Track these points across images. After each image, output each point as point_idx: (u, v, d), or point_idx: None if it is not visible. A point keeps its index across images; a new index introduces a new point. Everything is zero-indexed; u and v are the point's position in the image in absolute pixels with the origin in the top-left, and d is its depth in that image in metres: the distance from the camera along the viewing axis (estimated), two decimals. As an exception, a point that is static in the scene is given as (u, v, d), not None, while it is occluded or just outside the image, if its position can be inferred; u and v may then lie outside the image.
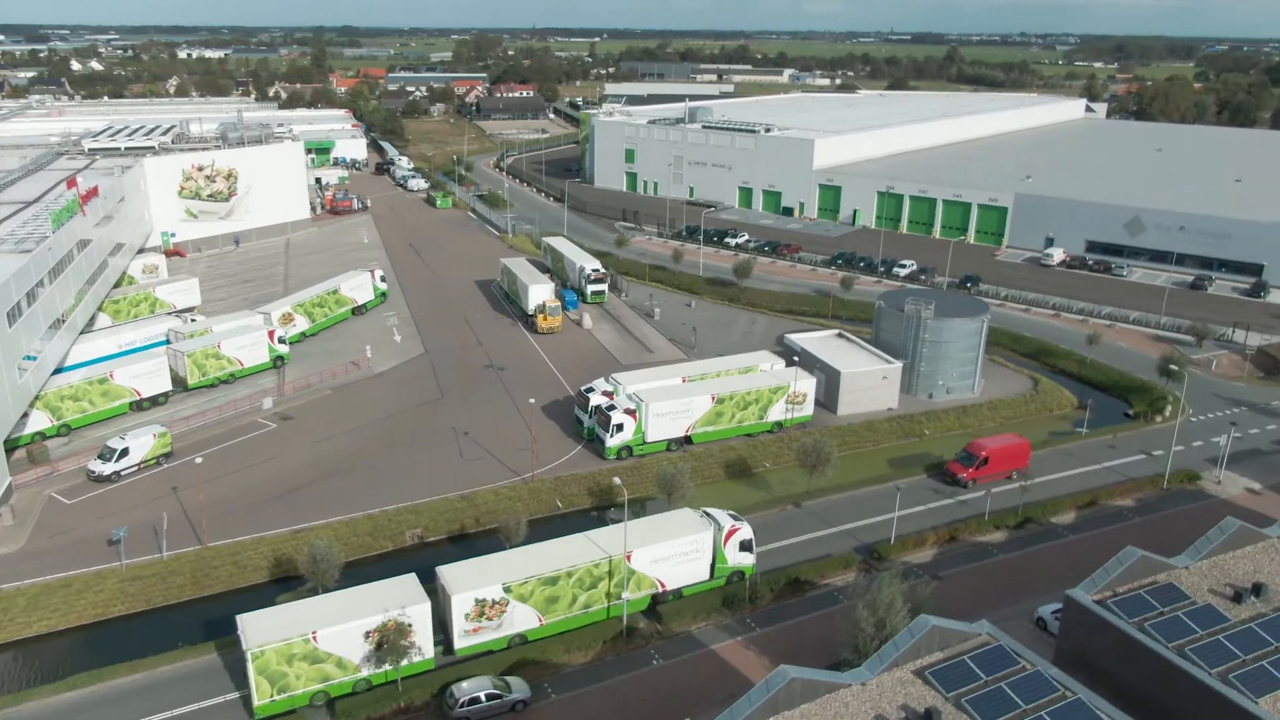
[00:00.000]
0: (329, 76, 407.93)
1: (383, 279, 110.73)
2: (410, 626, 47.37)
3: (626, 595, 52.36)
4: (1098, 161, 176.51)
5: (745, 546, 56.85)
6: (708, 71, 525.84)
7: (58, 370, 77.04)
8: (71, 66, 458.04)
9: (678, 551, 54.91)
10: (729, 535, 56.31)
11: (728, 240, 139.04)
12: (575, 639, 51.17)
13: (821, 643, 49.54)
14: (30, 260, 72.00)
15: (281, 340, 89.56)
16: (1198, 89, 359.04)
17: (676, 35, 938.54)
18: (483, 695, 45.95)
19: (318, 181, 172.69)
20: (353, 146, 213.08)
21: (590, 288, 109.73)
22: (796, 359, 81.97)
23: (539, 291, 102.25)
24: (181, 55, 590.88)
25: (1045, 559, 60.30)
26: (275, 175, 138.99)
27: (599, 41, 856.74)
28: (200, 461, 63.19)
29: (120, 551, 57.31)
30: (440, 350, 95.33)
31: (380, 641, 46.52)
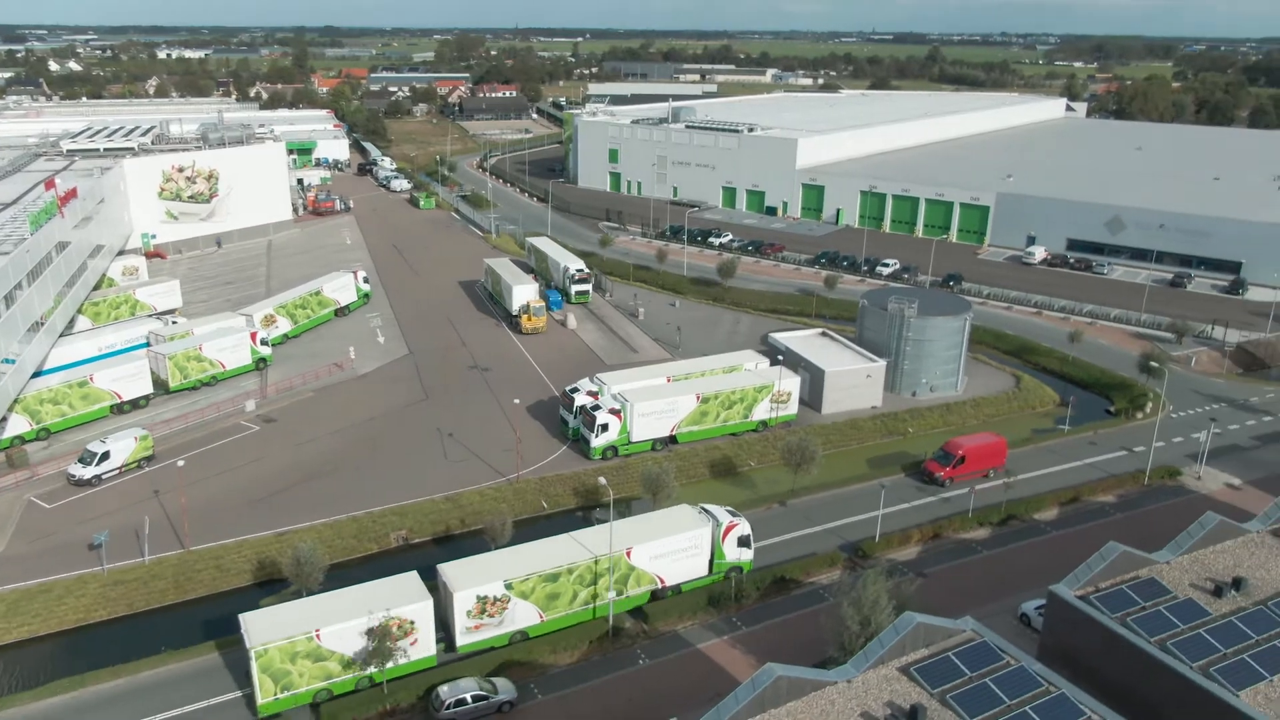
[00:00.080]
0: (310, 77, 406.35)
1: (366, 280, 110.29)
2: (413, 624, 47.43)
3: (612, 595, 52.36)
4: (1078, 160, 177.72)
5: (743, 542, 57.07)
6: (691, 71, 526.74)
7: (37, 373, 76.39)
8: (49, 67, 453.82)
9: (677, 547, 55.11)
10: (727, 531, 56.50)
11: (712, 240, 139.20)
12: (562, 639, 51.16)
13: (807, 641, 49.67)
14: (8, 262, 71.43)
15: (264, 342, 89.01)
16: (1176, 88, 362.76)
17: (659, 35, 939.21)
18: (469, 697, 45.87)
19: (300, 182, 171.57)
20: (335, 147, 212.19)
21: (574, 288, 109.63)
22: (781, 358, 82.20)
23: (523, 292, 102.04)
24: (161, 55, 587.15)
25: (1028, 555, 60.69)
26: (257, 176, 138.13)
27: (582, 41, 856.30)
28: (182, 464, 62.66)
29: (102, 556, 56.86)
30: (424, 351, 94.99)
31: (381, 639, 46.43)
